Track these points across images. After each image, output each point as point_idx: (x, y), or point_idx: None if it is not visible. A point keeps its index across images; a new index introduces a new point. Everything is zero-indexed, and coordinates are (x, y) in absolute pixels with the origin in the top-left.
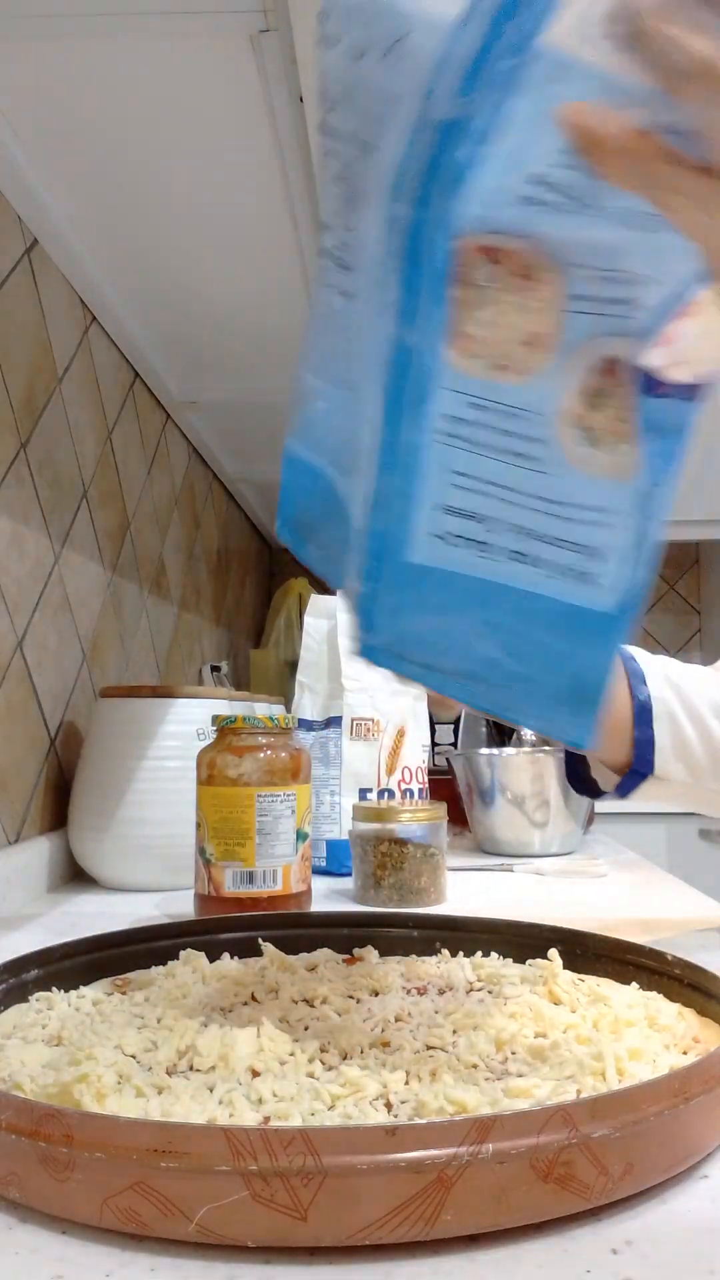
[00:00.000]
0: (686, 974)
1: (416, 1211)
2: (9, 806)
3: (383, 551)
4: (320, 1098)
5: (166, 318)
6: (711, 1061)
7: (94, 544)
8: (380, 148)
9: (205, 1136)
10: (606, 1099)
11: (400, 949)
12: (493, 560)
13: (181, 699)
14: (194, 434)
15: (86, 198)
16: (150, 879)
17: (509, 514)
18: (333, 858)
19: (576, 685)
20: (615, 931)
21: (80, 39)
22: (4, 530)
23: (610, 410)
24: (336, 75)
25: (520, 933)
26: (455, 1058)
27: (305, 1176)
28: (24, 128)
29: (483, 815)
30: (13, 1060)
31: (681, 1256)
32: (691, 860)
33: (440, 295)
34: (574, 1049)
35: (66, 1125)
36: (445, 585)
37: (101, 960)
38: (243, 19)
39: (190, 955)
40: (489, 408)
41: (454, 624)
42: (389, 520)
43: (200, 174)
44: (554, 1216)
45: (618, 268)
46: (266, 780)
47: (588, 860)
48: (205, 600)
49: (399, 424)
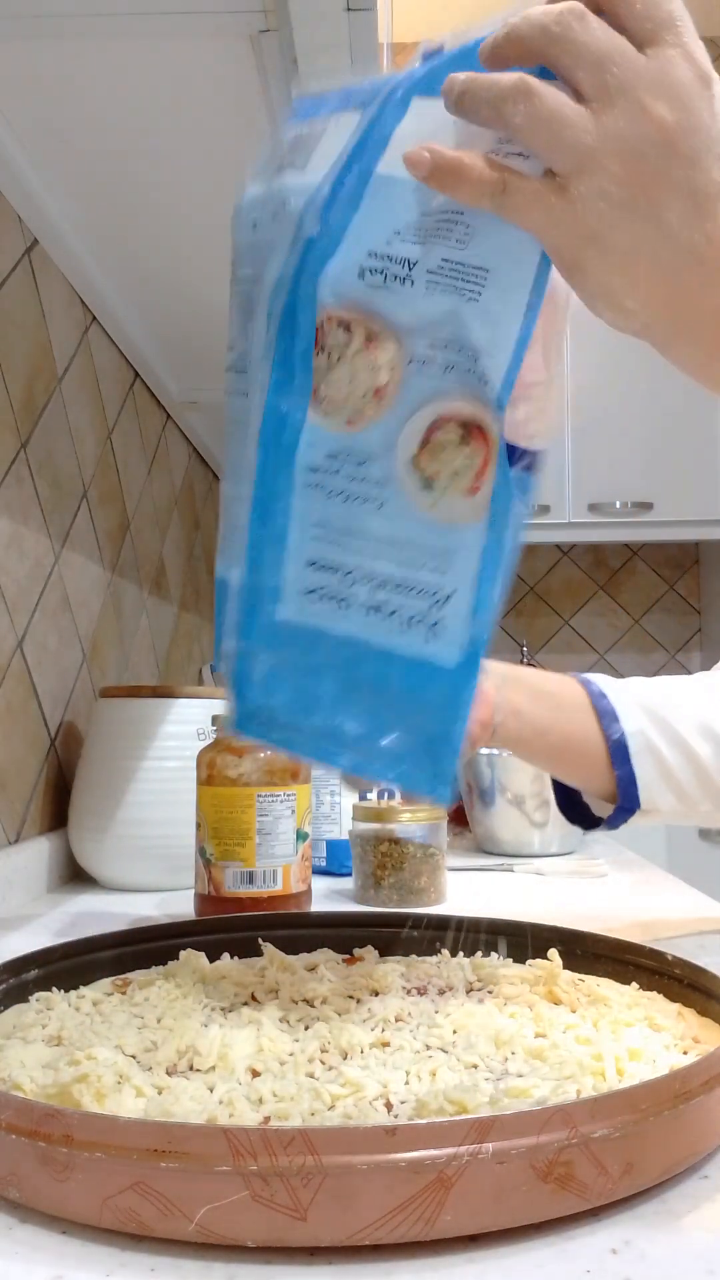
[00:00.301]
0: (686, 974)
1: (416, 1211)
2: (9, 806)
3: (255, 607)
4: (320, 1098)
5: (166, 318)
6: (711, 1061)
7: (94, 544)
8: (265, 276)
9: (205, 1136)
10: (606, 1099)
11: (400, 949)
12: (350, 616)
13: (181, 699)
14: (194, 434)
15: (86, 198)
16: (150, 879)
17: (362, 561)
18: (333, 858)
19: (428, 745)
20: (615, 932)
21: (80, 39)
22: (4, 530)
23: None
24: (240, 243)
25: (520, 933)
26: (455, 1058)
27: (305, 1176)
28: (24, 128)
29: (483, 815)
30: (13, 1060)
31: (681, 1256)
32: (691, 860)
33: (307, 364)
34: (574, 1049)
35: (66, 1125)
36: (311, 643)
37: (101, 960)
38: (243, 19)
39: (190, 955)
40: (341, 455)
41: (318, 683)
42: (261, 575)
43: (200, 174)
44: (554, 1216)
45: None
46: (266, 780)
47: (588, 860)
48: (205, 600)
49: (271, 480)
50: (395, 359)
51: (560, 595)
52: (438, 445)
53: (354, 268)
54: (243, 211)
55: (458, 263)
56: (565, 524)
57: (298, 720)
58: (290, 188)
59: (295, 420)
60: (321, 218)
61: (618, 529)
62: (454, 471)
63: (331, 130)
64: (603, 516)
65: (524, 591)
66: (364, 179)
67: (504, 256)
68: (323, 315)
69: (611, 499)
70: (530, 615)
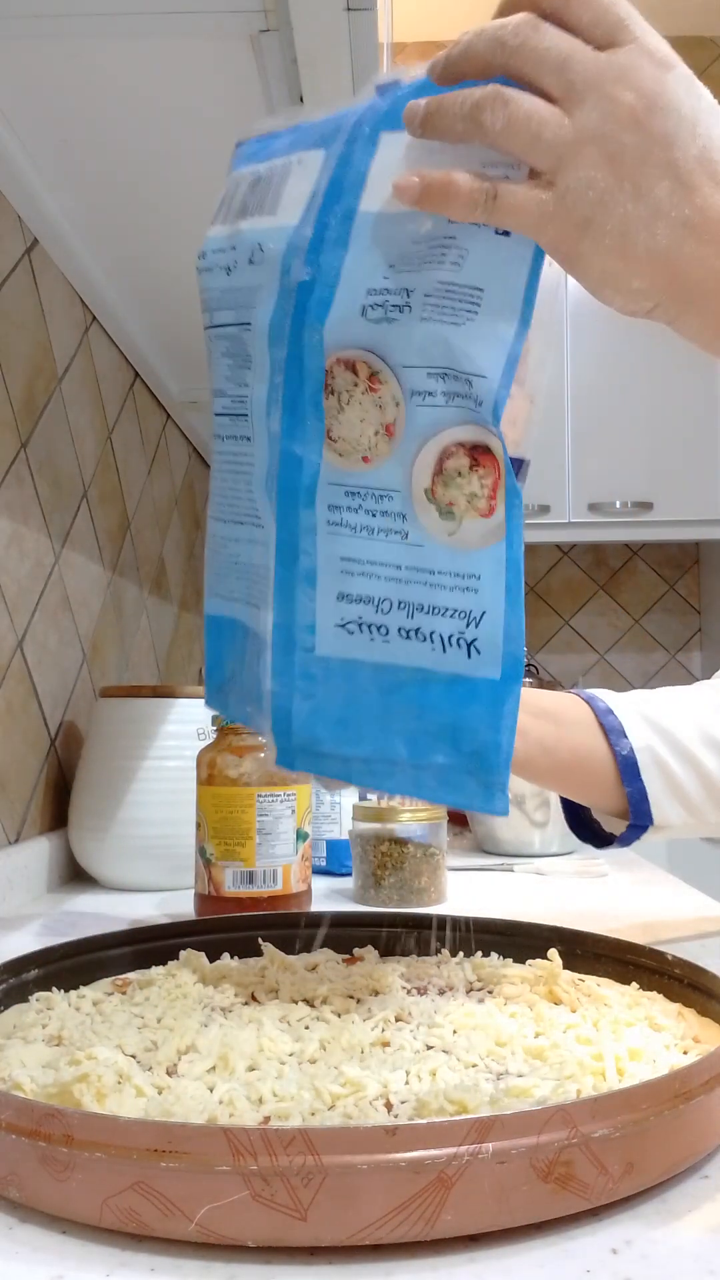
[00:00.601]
0: (686, 974)
1: (416, 1211)
2: (9, 806)
3: (290, 646)
4: (320, 1098)
5: (166, 318)
6: (711, 1061)
7: (94, 544)
8: (255, 321)
9: (205, 1136)
10: (606, 1099)
11: (400, 949)
12: (387, 643)
13: (181, 699)
14: (194, 434)
15: (87, 198)
16: (150, 879)
17: (393, 591)
18: (333, 858)
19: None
20: (615, 932)
21: (80, 39)
22: (4, 530)
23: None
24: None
25: (520, 933)
26: (455, 1058)
27: (305, 1176)
28: (24, 128)
29: (483, 815)
30: (13, 1060)
31: (681, 1256)
32: (691, 860)
33: (318, 408)
34: (574, 1049)
35: (66, 1125)
36: (349, 675)
37: (101, 960)
38: (243, 19)
39: (190, 955)
40: (360, 493)
41: (361, 713)
42: (294, 615)
43: (200, 174)
44: (554, 1216)
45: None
46: (267, 780)
47: (588, 860)
48: None
49: (293, 522)
50: (399, 394)
51: (560, 595)
52: (450, 474)
53: (356, 308)
54: (209, 257)
55: (453, 284)
56: (565, 524)
57: (345, 750)
58: (262, 231)
59: (312, 463)
60: (310, 261)
61: (618, 529)
62: (469, 496)
63: (295, 170)
64: (603, 516)
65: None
66: (348, 219)
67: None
68: (330, 359)
69: (611, 499)
70: (530, 615)
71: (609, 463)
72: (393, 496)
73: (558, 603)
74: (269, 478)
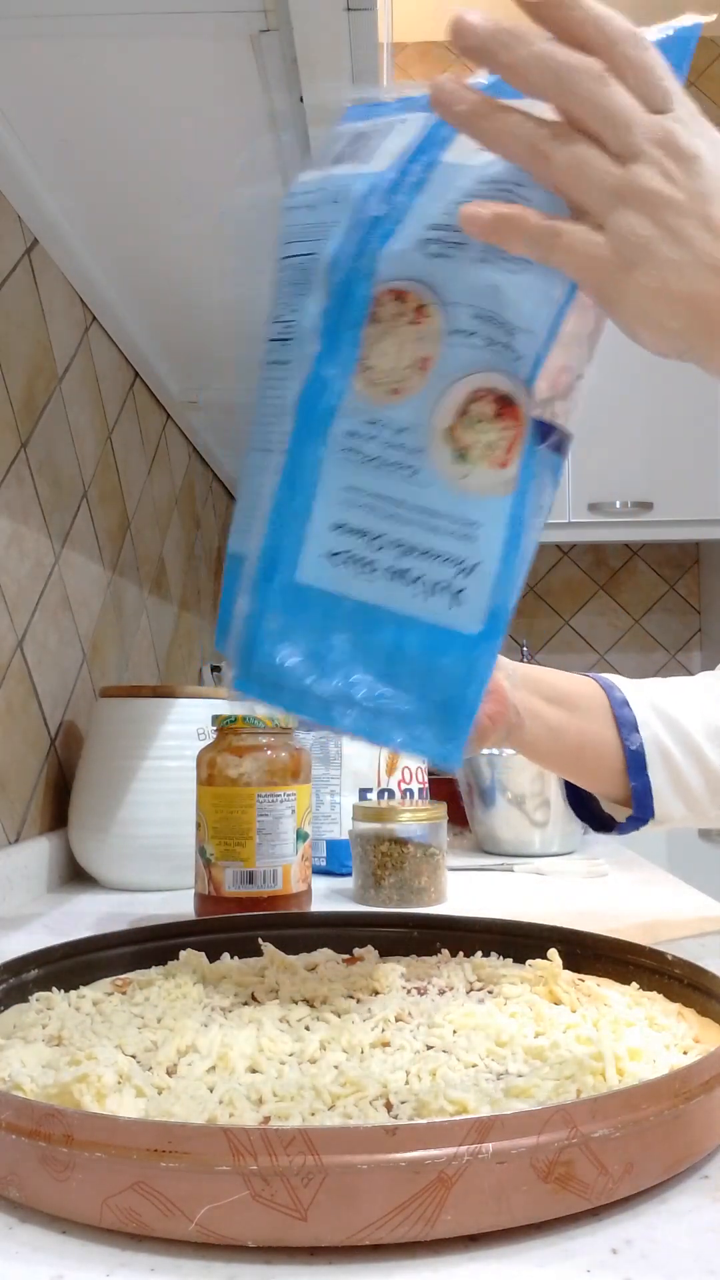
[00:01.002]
0: (686, 974)
1: (416, 1211)
2: (9, 806)
3: (273, 570)
4: (320, 1098)
5: (166, 318)
6: (711, 1061)
7: (94, 544)
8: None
9: (205, 1136)
10: (606, 1099)
11: (400, 949)
12: (372, 581)
13: (181, 699)
14: (194, 434)
15: (86, 198)
16: (150, 879)
17: (390, 528)
18: (333, 858)
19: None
20: (615, 932)
21: (80, 39)
22: (4, 530)
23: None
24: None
25: (520, 933)
26: (455, 1058)
27: (305, 1176)
28: (24, 128)
29: (483, 815)
30: (13, 1060)
31: (681, 1256)
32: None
33: (355, 335)
34: (574, 1049)
35: (66, 1125)
36: (328, 607)
37: (101, 960)
38: (243, 19)
39: (190, 955)
40: (381, 422)
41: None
42: (283, 539)
43: (200, 174)
44: (554, 1216)
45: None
46: (267, 780)
47: (588, 860)
48: (205, 600)
49: (304, 444)
50: (440, 329)
51: (560, 595)
52: (473, 417)
53: (415, 241)
54: (295, 197)
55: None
56: (565, 524)
57: (306, 683)
58: (352, 176)
59: (337, 388)
60: (387, 199)
61: (618, 529)
62: (487, 444)
63: (397, 129)
64: (603, 516)
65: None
66: (430, 167)
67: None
68: (380, 288)
69: (611, 499)
70: (530, 615)
71: (609, 463)
72: (413, 431)
73: (558, 603)
74: (294, 401)
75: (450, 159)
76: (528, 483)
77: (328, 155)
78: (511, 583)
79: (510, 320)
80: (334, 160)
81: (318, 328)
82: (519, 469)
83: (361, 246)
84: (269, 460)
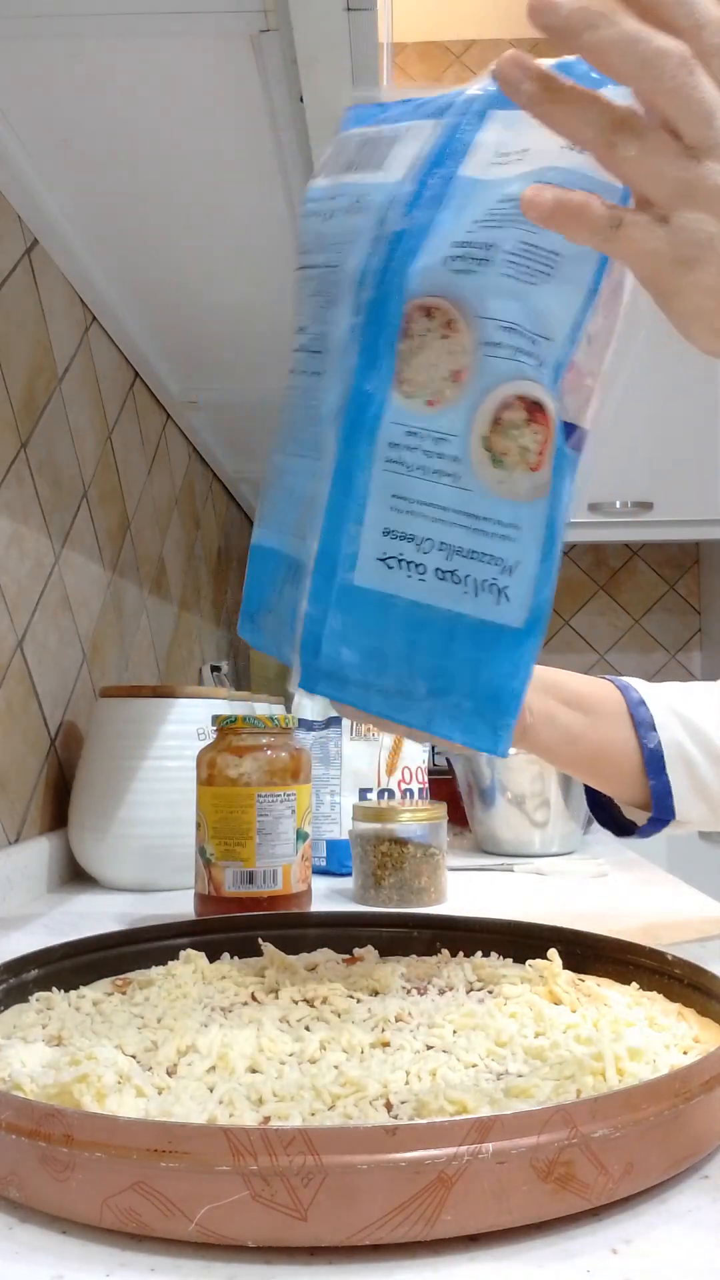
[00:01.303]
0: (686, 974)
1: (416, 1211)
2: (9, 806)
3: (331, 573)
4: (320, 1098)
5: (166, 318)
6: (711, 1061)
7: (94, 544)
8: (346, 265)
9: (205, 1136)
10: (606, 1099)
11: (400, 949)
12: (423, 581)
13: (181, 699)
14: (194, 434)
15: (86, 198)
16: (150, 879)
17: (436, 531)
18: (333, 858)
19: (492, 698)
20: (615, 932)
21: (80, 39)
22: (4, 530)
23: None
24: (312, 232)
25: (520, 933)
26: (455, 1058)
27: (305, 1176)
28: (24, 127)
29: (483, 815)
30: (13, 1060)
31: (681, 1256)
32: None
33: (391, 349)
34: (574, 1049)
35: (66, 1125)
36: (383, 607)
37: (101, 960)
38: (243, 19)
39: (190, 955)
40: (421, 434)
41: (389, 645)
42: (340, 543)
43: (200, 174)
44: (554, 1216)
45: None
46: (266, 780)
47: (588, 860)
48: (205, 600)
49: (353, 455)
50: (471, 343)
51: (560, 595)
52: (507, 424)
53: (440, 257)
54: (311, 203)
55: (532, 245)
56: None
57: (369, 679)
58: (367, 184)
59: (379, 400)
60: (407, 214)
61: (618, 529)
62: (521, 449)
63: (406, 136)
64: (603, 516)
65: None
66: (447, 180)
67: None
68: (410, 305)
69: (611, 499)
70: None
71: (609, 463)
72: (451, 440)
73: (558, 603)
74: (337, 412)
75: (468, 173)
76: (559, 483)
77: (338, 161)
78: (549, 579)
79: (532, 329)
80: (345, 167)
81: (353, 342)
82: (550, 471)
83: (388, 262)
84: (311, 465)
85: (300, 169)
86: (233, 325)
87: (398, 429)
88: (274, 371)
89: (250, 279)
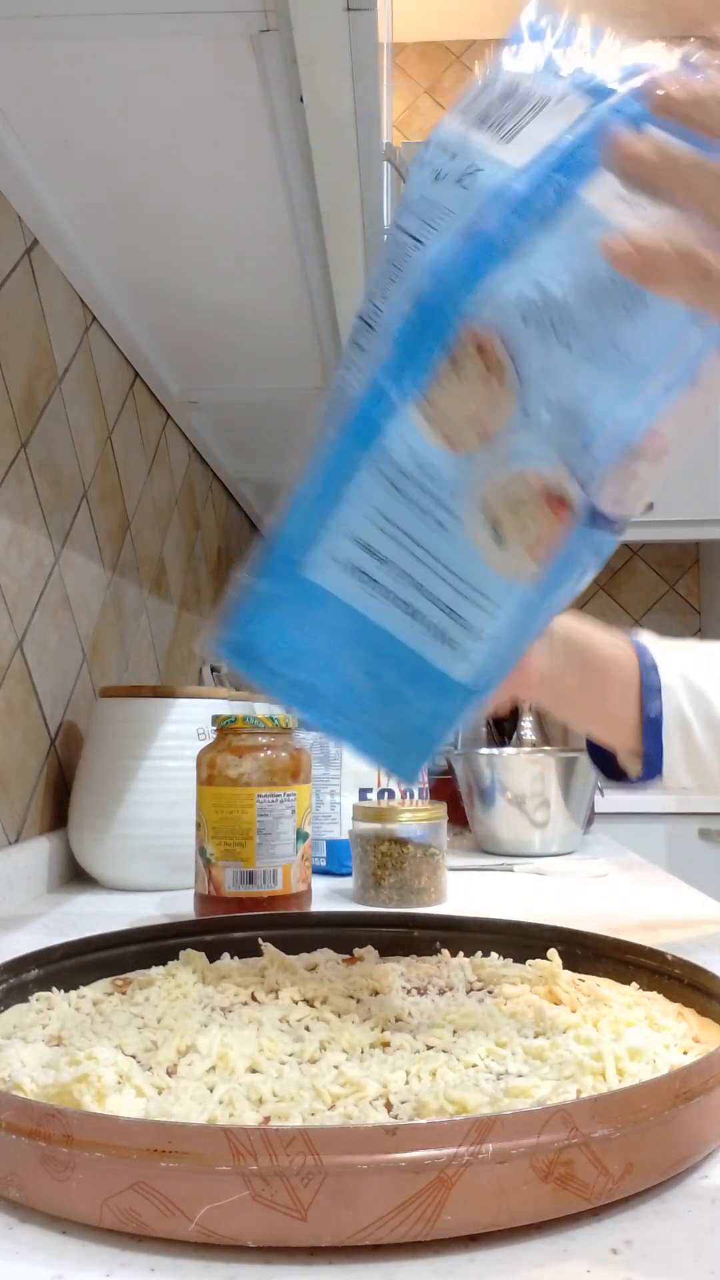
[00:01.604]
0: (686, 974)
1: (416, 1211)
2: (9, 806)
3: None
4: (320, 1098)
5: (166, 318)
6: (711, 1061)
7: (94, 544)
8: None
9: (205, 1136)
10: (606, 1099)
11: (400, 949)
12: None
13: (181, 699)
14: (194, 434)
15: (86, 198)
16: (150, 879)
17: (412, 566)
18: (333, 858)
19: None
20: (615, 932)
21: (80, 39)
22: (4, 530)
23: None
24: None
25: (520, 933)
26: (455, 1058)
27: (305, 1176)
28: (24, 128)
29: (483, 815)
30: (13, 1060)
31: (681, 1256)
32: (691, 860)
33: (428, 361)
34: (574, 1049)
35: (66, 1125)
36: (324, 606)
37: (101, 960)
38: (243, 19)
39: (190, 955)
40: (424, 464)
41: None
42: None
43: (200, 174)
44: (554, 1216)
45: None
46: (267, 780)
47: (588, 860)
48: (205, 600)
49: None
50: (512, 403)
51: None
52: (518, 501)
53: (515, 291)
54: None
55: (612, 333)
56: None
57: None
58: (487, 157)
59: (392, 404)
60: (508, 218)
61: None
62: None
63: (548, 111)
64: None
65: None
66: (564, 197)
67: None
68: (465, 326)
69: None
70: None
71: None
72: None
73: None
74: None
75: (587, 197)
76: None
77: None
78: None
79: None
80: (480, 117)
81: (397, 335)
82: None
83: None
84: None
85: (300, 169)
86: (233, 325)
87: (402, 446)
88: (274, 371)
89: (250, 279)
